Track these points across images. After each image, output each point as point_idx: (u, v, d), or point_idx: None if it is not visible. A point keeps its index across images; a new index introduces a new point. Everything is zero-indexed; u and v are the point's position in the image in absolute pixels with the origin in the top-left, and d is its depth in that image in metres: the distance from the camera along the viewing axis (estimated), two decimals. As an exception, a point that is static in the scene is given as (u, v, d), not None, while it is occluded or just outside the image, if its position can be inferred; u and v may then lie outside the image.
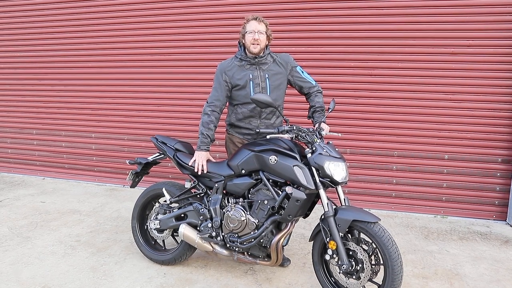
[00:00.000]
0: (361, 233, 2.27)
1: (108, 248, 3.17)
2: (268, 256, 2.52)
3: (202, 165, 2.67)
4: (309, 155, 2.31)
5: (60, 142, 5.14)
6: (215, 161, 2.77)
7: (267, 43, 2.69)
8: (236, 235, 2.55)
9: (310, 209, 2.49)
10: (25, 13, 5.04)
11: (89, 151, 5.03)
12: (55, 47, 4.97)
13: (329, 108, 2.65)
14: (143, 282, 2.66)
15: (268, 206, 2.42)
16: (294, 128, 2.39)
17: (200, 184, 2.76)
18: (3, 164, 5.44)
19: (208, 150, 2.76)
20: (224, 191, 2.67)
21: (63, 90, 5.02)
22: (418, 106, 3.94)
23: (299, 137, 2.40)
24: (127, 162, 3.02)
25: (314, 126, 2.62)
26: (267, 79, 2.68)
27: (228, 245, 2.60)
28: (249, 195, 2.55)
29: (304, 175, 2.29)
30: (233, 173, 2.59)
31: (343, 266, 2.22)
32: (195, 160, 2.69)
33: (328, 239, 2.29)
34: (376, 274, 2.26)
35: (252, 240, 2.48)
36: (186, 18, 4.47)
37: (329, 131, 2.62)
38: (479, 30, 3.73)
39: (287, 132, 2.38)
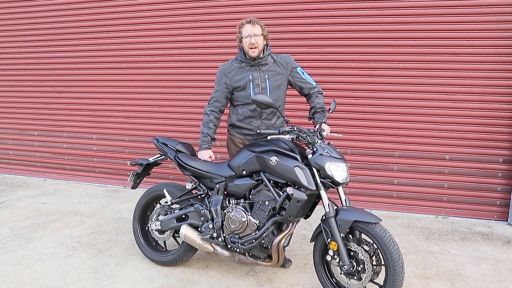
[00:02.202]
0: (362, 234, 2.27)
1: (110, 249, 3.17)
2: (269, 257, 2.52)
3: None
4: (310, 156, 2.31)
5: (61, 143, 5.14)
6: (216, 161, 2.78)
7: (265, 43, 2.70)
8: (237, 236, 2.55)
9: (311, 209, 2.49)
10: (23, 15, 5.05)
11: (90, 152, 5.04)
12: (55, 48, 4.98)
13: (330, 109, 2.66)
14: (144, 283, 2.66)
15: (269, 207, 2.42)
16: (295, 128, 2.39)
17: (201, 185, 2.76)
18: (5, 165, 5.45)
19: (210, 148, 2.79)
20: (225, 192, 2.67)
21: (64, 92, 5.03)
22: (418, 106, 3.93)
23: (300, 138, 2.40)
24: (128, 163, 3.03)
25: (315, 127, 2.62)
26: (267, 80, 2.69)
27: (229, 246, 2.60)
28: (250, 196, 2.55)
29: (305, 176, 2.29)
30: (234, 174, 2.59)
31: (344, 266, 2.22)
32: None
33: (329, 240, 2.29)
34: (378, 275, 2.26)
35: (253, 241, 2.48)
36: (189, 20, 4.47)
37: (330, 132, 2.62)
38: (480, 30, 3.73)
39: (288, 133, 2.38)
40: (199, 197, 2.78)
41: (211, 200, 2.68)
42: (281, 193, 2.39)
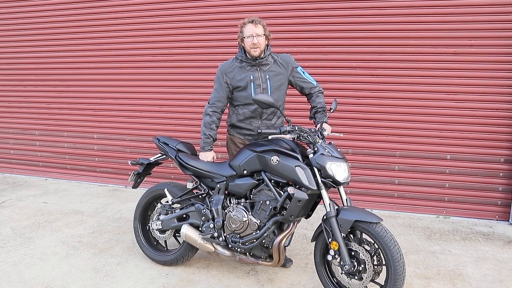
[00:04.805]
0: (363, 234, 2.27)
1: (110, 248, 3.18)
2: (270, 257, 2.52)
3: None
4: (311, 156, 2.31)
5: (63, 143, 5.15)
6: (217, 161, 2.78)
7: (266, 43, 2.69)
8: (238, 235, 2.55)
9: (312, 209, 2.49)
10: (21, 14, 5.05)
11: (91, 151, 5.04)
12: (56, 47, 4.97)
13: (331, 109, 2.65)
14: (145, 283, 2.66)
15: (270, 207, 2.42)
16: (296, 128, 2.39)
17: (202, 184, 2.76)
18: (6, 165, 5.46)
19: (212, 150, 2.79)
20: (226, 192, 2.67)
21: (65, 91, 5.03)
22: (420, 106, 3.93)
23: (301, 138, 2.40)
24: (129, 162, 3.03)
25: (316, 127, 2.62)
26: (268, 80, 2.68)
27: (230, 246, 2.60)
28: (251, 195, 2.54)
29: (306, 176, 2.29)
30: (235, 173, 2.59)
31: (345, 266, 2.22)
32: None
33: (330, 240, 2.28)
34: (378, 275, 2.26)
35: (254, 240, 2.48)
36: (186, 20, 4.47)
37: (331, 132, 2.62)
38: (481, 29, 3.72)
39: (289, 132, 2.38)
40: (200, 196, 2.78)
41: (212, 199, 2.68)
42: (282, 193, 2.39)
